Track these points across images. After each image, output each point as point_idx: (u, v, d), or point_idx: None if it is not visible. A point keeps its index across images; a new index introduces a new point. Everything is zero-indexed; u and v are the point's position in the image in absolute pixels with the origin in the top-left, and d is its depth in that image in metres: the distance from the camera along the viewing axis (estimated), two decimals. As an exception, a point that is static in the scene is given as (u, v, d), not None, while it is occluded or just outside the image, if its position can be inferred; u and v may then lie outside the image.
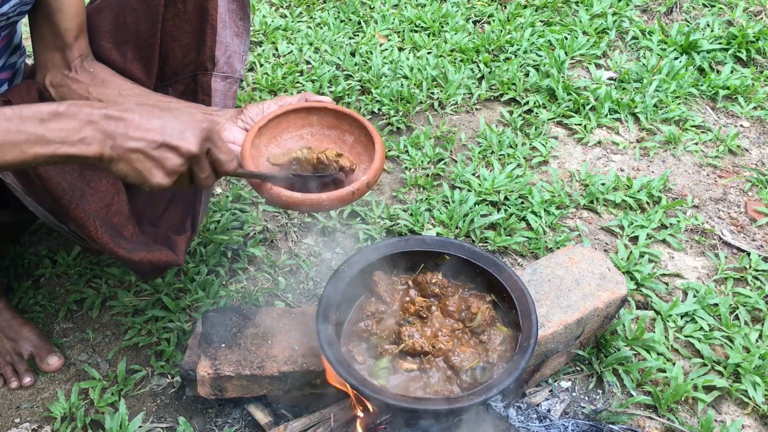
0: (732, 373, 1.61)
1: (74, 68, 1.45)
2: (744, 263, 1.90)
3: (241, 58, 1.54)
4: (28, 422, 1.53)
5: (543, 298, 1.51)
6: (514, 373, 1.23)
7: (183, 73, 1.55)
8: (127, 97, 1.40)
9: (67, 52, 1.43)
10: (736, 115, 2.47)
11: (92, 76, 1.45)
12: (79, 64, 1.45)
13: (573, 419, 1.51)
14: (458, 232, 1.96)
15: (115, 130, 0.94)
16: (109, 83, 1.44)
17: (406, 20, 2.89)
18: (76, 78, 1.44)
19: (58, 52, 1.43)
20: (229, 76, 1.55)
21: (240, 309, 1.51)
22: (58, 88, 1.44)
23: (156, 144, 0.96)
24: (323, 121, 1.35)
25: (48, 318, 1.75)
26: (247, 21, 1.53)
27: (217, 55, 1.48)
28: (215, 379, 1.38)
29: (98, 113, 0.94)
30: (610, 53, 2.75)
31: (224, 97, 1.57)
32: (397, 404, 1.20)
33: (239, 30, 1.52)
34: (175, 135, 0.98)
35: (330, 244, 1.97)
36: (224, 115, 1.35)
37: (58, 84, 1.44)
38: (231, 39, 1.51)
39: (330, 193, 1.20)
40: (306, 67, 2.62)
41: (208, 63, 1.50)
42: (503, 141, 2.28)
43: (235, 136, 1.30)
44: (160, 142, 0.96)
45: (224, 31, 1.48)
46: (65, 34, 1.41)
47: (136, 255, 1.32)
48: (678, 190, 2.16)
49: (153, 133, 0.96)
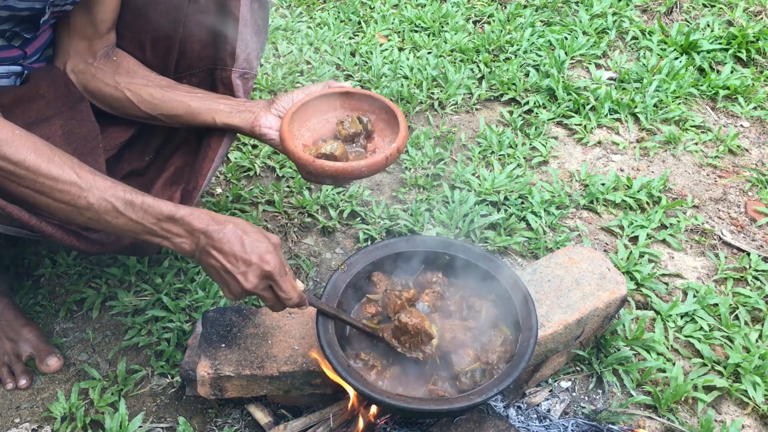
0: (732, 373, 1.61)
1: (98, 57, 1.48)
2: (744, 263, 1.90)
3: (257, 55, 1.59)
4: (28, 422, 1.53)
5: (543, 298, 1.51)
6: (514, 373, 1.23)
7: (198, 66, 1.57)
8: (155, 88, 1.46)
9: (95, 42, 1.46)
10: (736, 115, 2.47)
11: (116, 65, 1.48)
12: (103, 54, 1.48)
13: (573, 419, 1.51)
14: (458, 232, 1.96)
15: (205, 244, 1.17)
16: (135, 74, 1.48)
17: (406, 20, 2.89)
18: (99, 67, 1.47)
19: (85, 40, 1.46)
20: (247, 72, 1.58)
21: (240, 309, 1.51)
22: (80, 75, 1.48)
23: (225, 269, 1.17)
24: (346, 104, 1.50)
25: (48, 318, 1.75)
26: (266, 20, 1.58)
27: (237, 52, 1.51)
28: (215, 379, 1.38)
29: (200, 228, 1.16)
30: (610, 53, 2.75)
31: (243, 93, 1.59)
32: (397, 404, 1.20)
33: (258, 28, 1.56)
34: (240, 269, 1.17)
35: (330, 244, 1.97)
36: (258, 105, 1.46)
37: (81, 71, 1.47)
38: (250, 37, 1.54)
39: (367, 160, 1.36)
40: (306, 67, 2.62)
41: (228, 59, 1.52)
42: (503, 141, 2.28)
43: (271, 122, 1.44)
44: (228, 268, 1.17)
45: (245, 29, 1.51)
46: (100, 25, 1.44)
47: (125, 240, 1.36)
48: (678, 190, 2.16)
49: (226, 259, 1.16)
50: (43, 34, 1.45)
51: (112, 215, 1.13)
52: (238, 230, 1.17)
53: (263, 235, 1.19)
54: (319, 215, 2.03)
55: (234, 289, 1.19)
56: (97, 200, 1.11)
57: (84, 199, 1.10)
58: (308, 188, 2.12)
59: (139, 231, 1.16)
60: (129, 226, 1.15)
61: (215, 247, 1.16)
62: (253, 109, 1.45)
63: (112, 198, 1.12)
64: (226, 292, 1.22)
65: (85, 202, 1.11)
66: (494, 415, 1.41)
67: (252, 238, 1.17)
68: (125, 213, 1.13)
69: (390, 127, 1.46)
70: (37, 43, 1.44)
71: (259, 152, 2.23)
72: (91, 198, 1.11)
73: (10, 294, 1.67)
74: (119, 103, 1.47)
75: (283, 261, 1.20)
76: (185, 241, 1.17)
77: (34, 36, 1.42)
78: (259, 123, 1.43)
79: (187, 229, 1.16)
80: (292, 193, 2.12)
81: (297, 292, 1.22)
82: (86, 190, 1.10)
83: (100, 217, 1.13)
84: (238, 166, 2.18)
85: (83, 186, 1.10)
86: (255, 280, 1.17)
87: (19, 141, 1.07)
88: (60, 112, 1.39)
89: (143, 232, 1.16)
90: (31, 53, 1.43)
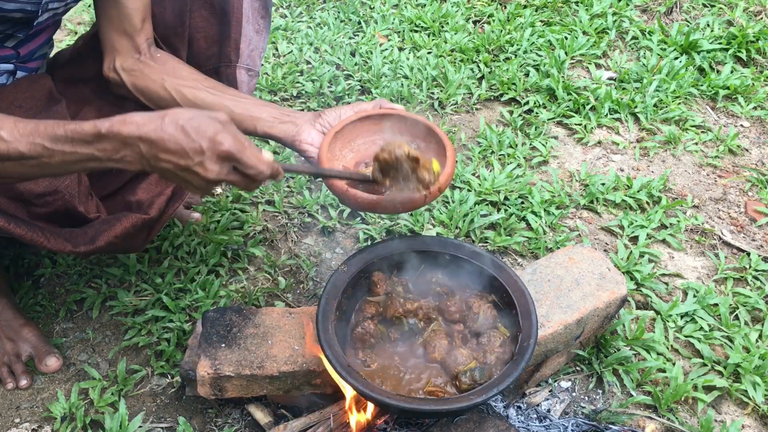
0: (732, 373, 1.61)
1: (143, 52, 1.45)
2: (744, 263, 1.90)
3: (260, 54, 1.58)
4: (28, 422, 1.53)
5: (543, 298, 1.51)
6: (514, 373, 1.23)
7: (207, 65, 1.57)
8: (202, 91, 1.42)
9: (135, 36, 1.44)
10: (736, 115, 2.47)
11: (162, 63, 1.46)
12: (146, 49, 1.46)
13: (573, 419, 1.51)
14: (458, 232, 1.96)
15: (148, 152, 1.04)
16: (180, 73, 1.45)
17: (406, 20, 2.89)
18: (147, 63, 1.45)
19: (125, 36, 1.44)
20: (252, 69, 1.57)
21: (240, 309, 1.51)
22: (131, 72, 1.45)
23: (180, 167, 1.05)
24: (395, 127, 1.39)
25: (48, 318, 1.75)
26: (268, 19, 1.58)
27: (242, 47, 1.51)
28: (215, 379, 1.38)
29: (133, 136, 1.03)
30: (610, 53, 2.75)
31: (248, 90, 1.58)
32: (398, 405, 1.20)
33: (260, 27, 1.55)
34: (195, 160, 1.04)
35: (330, 244, 1.97)
36: (303, 118, 1.39)
37: (130, 68, 1.45)
38: (252, 34, 1.53)
39: (403, 196, 1.24)
40: (306, 67, 2.62)
41: (232, 55, 1.52)
42: (503, 141, 2.28)
43: (313, 138, 1.36)
44: (183, 165, 1.05)
45: (248, 26, 1.51)
46: (132, 14, 1.42)
47: (100, 241, 1.33)
48: (678, 190, 2.16)
49: (177, 156, 1.04)
50: (39, 35, 1.44)
51: (47, 156, 1.05)
52: (177, 120, 1.04)
53: (206, 115, 1.08)
54: (319, 215, 2.03)
55: (198, 184, 1.08)
56: (25, 147, 1.04)
57: (14, 150, 1.04)
58: (308, 188, 2.12)
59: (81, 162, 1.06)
60: (69, 161, 1.06)
61: (160, 148, 1.04)
62: (297, 122, 1.38)
63: (38, 139, 1.04)
64: (192, 190, 1.11)
65: (17, 153, 1.05)
66: (494, 415, 1.41)
67: (195, 123, 1.05)
68: (56, 148, 1.05)
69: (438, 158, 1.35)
70: (32, 45, 1.43)
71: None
72: (20, 146, 1.04)
73: (10, 294, 1.67)
74: (165, 103, 1.43)
75: (238, 135, 1.09)
76: (126, 153, 1.05)
77: (28, 36, 1.41)
78: (301, 138, 1.37)
79: (120, 140, 1.03)
80: (292, 193, 2.12)
81: (266, 162, 1.10)
82: (13, 142, 1.04)
83: (40, 163, 1.06)
84: (238, 166, 2.18)
85: (7, 138, 1.04)
86: (215, 166, 1.06)
87: None
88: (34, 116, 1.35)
89: (86, 161, 1.06)
90: (24, 54, 1.43)
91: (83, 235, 1.33)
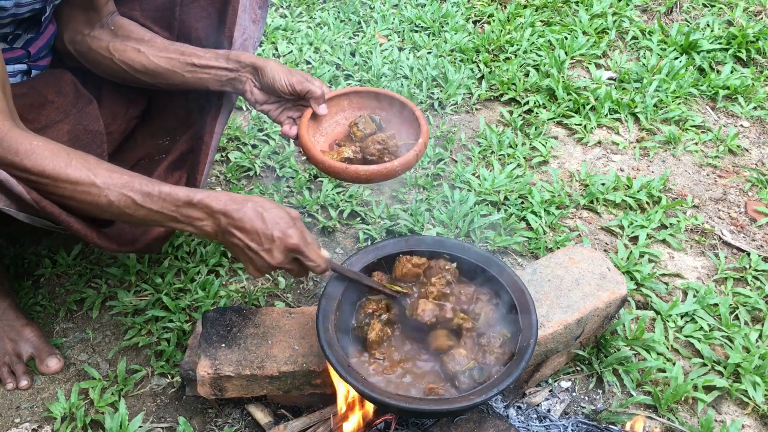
0: (732, 373, 1.61)
1: (95, 27, 1.49)
2: (744, 263, 1.90)
3: (254, 44, 1.61)
4: (28, 422, 1.53)
5: (543, 298, 1.51)
6: (514, 373, 1.23)
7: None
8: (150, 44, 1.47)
9: (91, 13, 1.48)
10: (736, 115, 2.47)
11: (112, 35, 1.49)
12: (100, 24, 1.50)
13: (573, 419, 1.51)
14: (458, 232, 1.96)
15: (226, 225, 1.20)
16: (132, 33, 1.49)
17: (406, 20, 2.89)
18: (95, 36, 1.49)
19: (81, 11, 1.48)
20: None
21: (240, 309, 1.51)
22: (77, 46, 1.50)
23: (249, 247, 1.20)
24: (353, 103, 1.50)
25: (48, 318, 1.75)
26: (265, 10, 1.60)
27: (235, 35, 1.53)
28: (215, 379, 1.38)
29: (219, 209, 1.19)
30: (610, 53, 2.75)
31: None
32: (397, 404, 1.20)
33: (256, 17, 1.58)
34: (265, 246, 1.20)
35: (330, 244, 1.97)
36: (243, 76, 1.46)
37: (78, 43, 1.50)
38: (248, 23, 1.54)
39: (400, 159, 1.37)
40: (306, 67, 2.62)
41: (225, 42, 1.54)
42: (503, 141, 2.28)
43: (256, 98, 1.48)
44: (252, 246, 1.20)
45: (244, 14, 1.53)
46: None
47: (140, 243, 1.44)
48: (678, 190, 2.16)
49: (249, 237, 1.20)
50: (46, 31, 1.45)
51: (133, 209, 1.18)
52: (257, 207, 1.19)
53: (283, 210, 1.21)
54: (319, 215, 2.03)
55: (260, 266, 1.23)
56: (116, 197, 1.16)
57: (104, 197, 1.16)
58: (308, 188, 2.12)
59: (161, 220, 1.20)
60: (151, 217, 1.19)
61: (237, 226, 1.19)
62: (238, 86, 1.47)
63: (130, 192, 1.16)
64: (251, 269, 1.25)
65: (106, 201, 1.16)
66: (494, 415, 1.41)
67: (272, 214, 1.19)
68: (145, 205, 1.17)
69: (404, 121, 1.45)
70: (40, 42, 1.44)
71: (259, 152, 2.23)
72: (110, 195, 1.16)
73: (12, 294, 1.67)
74: (118, 75, 1.51)
75: (305, 232, 1.22)
76: (207, 223, 1.20)
77: (38, 34, 1.42)
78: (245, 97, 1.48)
79: (206, 211, 1.19)
80: (292, 193, 2.12)
81: (323, 258, 1.26)
82: (105, 189, 1.15)
83: (122, 212, 1.18)
84: (238, 166, 2.18)
85: (101, 185, 1.15)
86: (280, 255, 1.21)
87: (39, 151, 1.13)
88: (68, 116, 1.43)
89: (166, 220, 1.20)
90: (35, 52, 1.44)
91: (128, 236, 1.43)
